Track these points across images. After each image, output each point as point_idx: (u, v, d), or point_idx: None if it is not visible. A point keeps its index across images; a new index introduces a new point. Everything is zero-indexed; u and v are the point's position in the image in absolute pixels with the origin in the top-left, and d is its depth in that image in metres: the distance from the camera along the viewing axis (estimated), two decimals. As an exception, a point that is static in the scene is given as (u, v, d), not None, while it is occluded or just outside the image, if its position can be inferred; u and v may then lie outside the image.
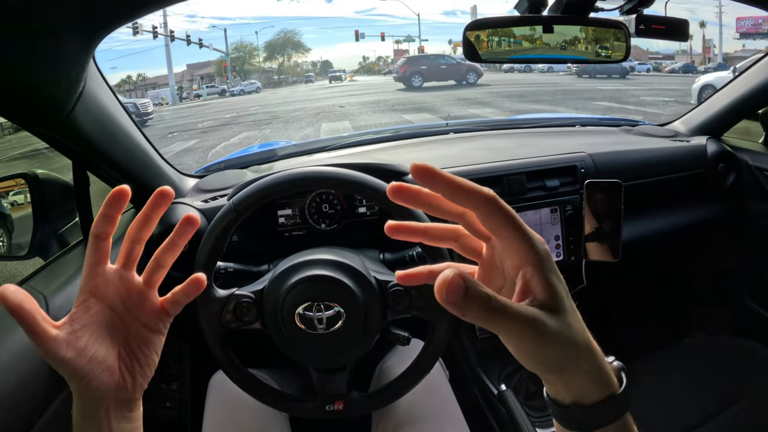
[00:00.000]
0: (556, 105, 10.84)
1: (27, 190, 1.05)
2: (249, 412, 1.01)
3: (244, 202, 0.85)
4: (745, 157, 1.56)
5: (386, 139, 1.70)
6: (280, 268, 0.88)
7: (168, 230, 1.12)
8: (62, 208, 1.09)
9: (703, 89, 9.45)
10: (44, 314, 0.47)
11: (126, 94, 24.63)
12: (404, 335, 0.92)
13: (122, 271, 0.54)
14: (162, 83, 24.49)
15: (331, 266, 0.86)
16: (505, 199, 1.27)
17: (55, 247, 1.06)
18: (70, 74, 0.72)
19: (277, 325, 0.85)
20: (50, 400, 0.81)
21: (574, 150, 1.42)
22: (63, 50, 0.65)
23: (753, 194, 1.55)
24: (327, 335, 0.84)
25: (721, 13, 20.43)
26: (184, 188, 1.31)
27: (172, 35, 22.54)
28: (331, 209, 1.26)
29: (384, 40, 28.97)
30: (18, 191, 1.14)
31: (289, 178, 0.86)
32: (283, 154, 1.59)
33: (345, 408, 0.91)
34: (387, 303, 0.88)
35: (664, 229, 1.51)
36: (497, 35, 0.94)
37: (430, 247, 0.85)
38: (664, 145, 1.56)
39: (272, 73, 30.31)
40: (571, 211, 1.32)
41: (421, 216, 0.84)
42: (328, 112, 12.21)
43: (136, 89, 25.36)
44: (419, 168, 0.37)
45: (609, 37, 0.95)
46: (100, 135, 0.93)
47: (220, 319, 0.87)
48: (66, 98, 0.75)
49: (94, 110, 0.87)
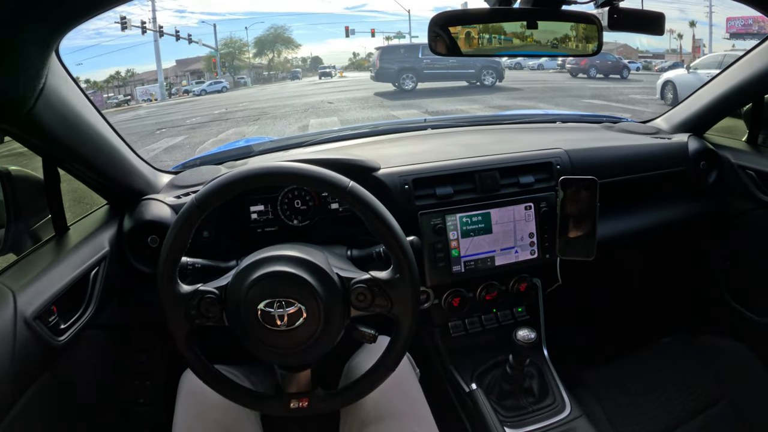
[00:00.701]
0: (545, 102, 10.84)
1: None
2: (219, 410, 1.00)
3: (206, 197, 0.84)
4: (728, 155, 1.55)
5: (364, 134, 1.69)
6: (244, 264, 0.87)
7: (138, 226, 1.12)
8: (35, 204, 1.08)
9: (665, 85, 9.70)
10: None
11: (115, 90, 24.35)
12: (370, 333, 0.91)
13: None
14: (151, 79, 24.20)
15: (292, 263, 0.85)
16: (477, 195, 1.25)
17: (27, 243, 1.05)
18: (29, 70, 0.72)
19: (239, 322, 0.84)
20: (18, 395, 0.82)
21: (550, 146, 1.40)
22: (21, 45, 0.65)
23: (735, 192, 1.55)
24: (288, 332, 0.83)
25: (711, 12, 20.62)
26: (158, 184, 1.30)
27: (161, 31, 22.30)
28: (303, 205, 1.26)
29: (374, 36, 28.73)
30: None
31: (250, 173, 0.84)
32: (259, 150, 1.58)
33: (310, 405, 0.91)
34: (350, 300, 0.87)
35: (644, 227, 1.50)
36: (468, 29, 0.92)
37: (392, 245, 0.84)
38: (644, 142, 1.55)
39: (262, 69, 30.13)
40: (545, 208, 1.30)
41: (383, 212, 0.84)
42: (317, 108, 12.14)
43: (125, 85, 25.07)
44: None
45: (581, 30, 0.92)
46: (66, 131, 0.93)
47: (185, 315, 0.86)
48: (26, 94, 0.75)
49: (58, 106, 0.87)
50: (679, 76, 9.54)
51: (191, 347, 0.88)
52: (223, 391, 0.91)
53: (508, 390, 1.25)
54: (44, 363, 0.90)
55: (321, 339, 0.85)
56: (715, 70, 8.06)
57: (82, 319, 1.00)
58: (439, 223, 1.24)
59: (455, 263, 1.25)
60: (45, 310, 0.89)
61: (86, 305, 1.02)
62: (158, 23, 22.46)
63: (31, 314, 0.85)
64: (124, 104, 20.94)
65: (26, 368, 0.84)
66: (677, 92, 9.20)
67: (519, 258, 1.29)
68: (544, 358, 1.36)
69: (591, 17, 0.92)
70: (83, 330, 0.99)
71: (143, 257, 1.15)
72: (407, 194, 1.24)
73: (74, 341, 0.96)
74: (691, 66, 9.38)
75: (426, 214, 1.24)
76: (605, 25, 0.92)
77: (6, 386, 0.78)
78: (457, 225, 1.25)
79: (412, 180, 1.25)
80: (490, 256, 1.27)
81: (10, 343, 0.80)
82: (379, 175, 1.25)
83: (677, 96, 9.05)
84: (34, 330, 0.85)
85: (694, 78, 8.45)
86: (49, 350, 0.90)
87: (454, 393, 1.32)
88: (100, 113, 1.04)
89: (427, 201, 1.26)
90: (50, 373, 0.92)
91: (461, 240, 1.25)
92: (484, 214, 1.26)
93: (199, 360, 0.89)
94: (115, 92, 24.00)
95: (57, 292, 0.92)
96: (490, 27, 0.91)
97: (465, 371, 1.32)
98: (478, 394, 1.24)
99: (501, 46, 0.91)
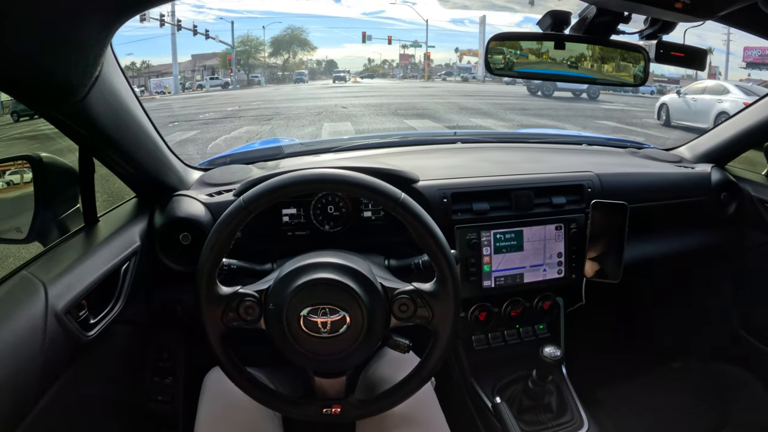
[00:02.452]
0: (559, 120, 10.87)
1: (29, 172, 1.03)
2: (243, 411, 1.00)
3: (255, 199, 0.84)
4: (748, 187, 1.58)
5: (394, 144, 1.71)
6: (287, 269, 0.87)
7: (171, 222, 1.13)
8: (64, 193, 1.06)
9: (660, 107, 10.69)
10: None
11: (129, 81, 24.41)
12: (405, 343, 0.91)
13: None
14: (166, 72, 24.29)
15: (338, 270, 0.85)
16: (511, 212, 1.26)
17: (54, 233, 1.03)
18: (88, 58, 0.71)
19: (280, 327, 0.84)
20: (43, 391, 0.80)
21: (581, 169, 1.43)
22: (82, 33, 0.65)
23: (753, 225, 1.57)
24: (330, 339, 0.83)
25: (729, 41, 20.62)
26: (188, 180, 1.30)
27: (179, 24, 22.41)
28: (336, 211, 1.26)
29: (391, 43, 28.95)
30: (19, 172, 1.11)
31: (303, 178, 0.84)
32: (288, 152, 1.59)
33: (342, 412, 0.91)
34: (392, 310, 0.87)
35: (664, 253, 1.52)
36: (519, 50, 0.95)
37: (439, 258, 0.85)
38: (669, 170, 1.58)
39: (276, 69, 30.23)
40: (575, 229, 1.32)
41: (433, 226, 0.84)
42: (331, 112, 12.17)
43: (140, 76, 25.14)
44: None
45: (630, 61, 0.95)
46: (112, 122, 0.92)
47: (223, 317, 0.86)
48: (81, 82, 0.74)
49: (108, 97, 0.87)
50: (672, 100, 10.38)
51: (225, 348, 0.88)
52: (254, 393, 0.90)
53: (528, 405, 1.26)
54: (71, 358, 0.88)
55: (361, 347, 0.85)
56: (699, 95, 8.78)
57: (111, 314, 0.98)
58: (474, 237, 1.26)
59: (486, 278, 1.28)
60: (76, 305, 0.87)
61: (116, 300, 1.01)
62: (176, 17, 22.59)
63: (62, 308, 0.83)
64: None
65: (54, 363, 0.82)
66: (669, 113, 10.20)
67: (546, 276, 1.32)
68: (563, 375, 1.37)
69: (639, 48, 0.95)
70: (110, 326, 0.98)
71: (173, 254, 1.15)
72: (445, 208, 1.26)
73: (101, 337, 0.94)
74: (681, 92, 10.22)
75: (462, 228, 1.26)
76: (651, 58, 0.95)
77: (33, 382, 0.77)
78: (491, 241, 1.27)
79: (450, 194, 1.27)
80: (519, 273, 1.30)
81: (40, 337, 0.78)
82: (419, 186, 1.26)
83: (669, 117, 10.16)
84: (65, 325, 0.83)
85: (682, 102, 9.87)
86: (78, 346, 0.88)
87: (473, 405, 1.33)
88: (142, 106, 1.04)
89: (463, 216, 1.28)
90: (75, 367, 0.90)
91: (494, 256, 1.28)
92: (517, 232, 1.29)
93: (232, 362, 0.89)
94: (128, 83, 24.00)
95: (88, 286, 0.90)
96: (541, 52, 0.94)
97: (486, 385, 1.34)
98: (503, 408, 1.25)
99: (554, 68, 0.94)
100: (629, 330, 1.82)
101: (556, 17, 0.92)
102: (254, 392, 0.90)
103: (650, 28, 0.93)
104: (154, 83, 22.60)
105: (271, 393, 0.92)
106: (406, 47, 30.60)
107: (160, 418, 1.35)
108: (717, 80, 11.61)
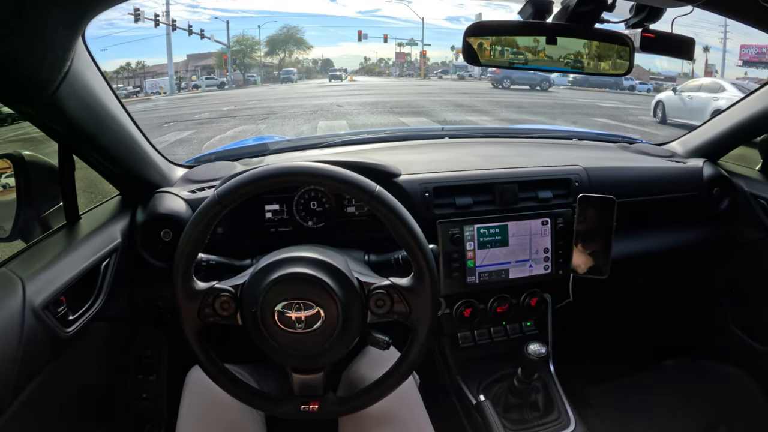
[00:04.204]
0: (554, 118, 10.89)
1: (11, 171, 1.03)
2: (225, 409, 0.99)
3: (230, 193, 0.83)
4: (741, 183, 1.56)
5: (381, 139, 1.69)
6: (262, 264, 0.86)
7: (152, 219, 1.11)
8: (47, 191, 1.06)
9: (657, 104, 10.88)
10: None
11: (124, 81, 24.41)
12: (385, 339, 0.90)
13: None
14: (161, 72, 24.25)
15: (313, 264, 0.84)
16: (495, 207, 1.25)
17: (37, 231, 1.03)
18: (56, 52, 0.71)
19: (255, 322, 0.83)
20: (22, 386, 0.80)
21: (569, 163, 1.41)
22: (49, 26, 0.65)
23: (746, 221, 1.55)
24: (304, 335, 0.82)
25: (726, 39, 20.70)
26: (172, 177, 1.30)
27: (173, 24, 22.38)
28: (319, 207, 1.25)
29: (386, 41, 28.98)
30: (1, 172, 1.11)
31: (276, 171, 0.83)
32: (275, 149, 1.58)
33: (320, 410, 0.90)
34: (368, 305, 0.86)
35: (654, 249, 1.51)
36: (500, 44, 0.92)
37: (415, 252, 0.83)
38: (660, 165, 1.56)
39: (272, 68, 30.23)
40: (562, 224, 1.31)
41: (408, 219, 0.83)
42: (326, 110, 12.17)
43: (135, 77, 25.13)
44: None
45: (612, 51, 0.93)
46: (86, 118, 0.92)
47: (199, 313, 0.85)
48: (51, 77, 0.74)
49: (81, 92, 0.86)
50: (668, 97, 10.55)
51: (202, 344, 0.87)
52: (232, 390, 0.90)
53: (513, 403, 1.25)
54: (50, 354, 0.88)
55: (336, 343, 0.84)
56: (695, 92, 8.88)
57: (90, 311, 0.98)
58: (456, 232, 1.24)
59: (470, 274, 1.25)
60: (54, 301, 0.87)
61: (95, 297, 1.01)
62: (171, 17, 22.56)
63: (39, 304, 0.83)
64: (132, 96, 20.95)
65: (32, 359, 0.82)
66: (665, 111, 10.37)
67: (533, 272, 1.30)
68: (550, 373, 1.36)
69: (624, 37, 0.92)
70: (90, 322, 0.98)
71: (155, 250, 1.15)
72: (427, 202, 1.24)
73: (81, 333, 0.94)
74: (677, 89, 10.39)
75: (444, 222, 1.24)
76: (637, 47, 0.93)
77: (11, 376, 0.77)
78: (474, 236, 1.25)
79: (432, 188, 1.25)
80: (504, 269, 1.28)
81: (17, 332, 0.78)
82: (400, 181, 1.25)
83: (665, 114, 10.34)
84: (43, 320, 0.83)
85: (678, 99, 10.02)
86: (56, 341, 0.88)
87: (459, 403, 1.32)
88: (120, 102, 1.03)
89: (446, 210, 1.26)
90: (55, 363, 0.90)
91: (477, 251, 1.26)
92: (501, 227, 1.27)
93: (209, 358, 0.88)
94: (124, 83, 24.04)
95: (67, 282, 0.90)
96: (524, 45, 0.92)
97: (471, 382, 1.32)
98: (486, 406, 1.24)
99: (536, 63, 0.91)
100: (619, 327, 1.80)
101: (537, 6, 0.89)
102: (232, 389, 0.90)
103: (636, 16, 0.91)
104: (149, 84, 22.64)
105: (249, 390, 0.91)
106: (402, 45, 30.67)
107: (144, 416, 1.35)
108: (713, 78, 11.80)
